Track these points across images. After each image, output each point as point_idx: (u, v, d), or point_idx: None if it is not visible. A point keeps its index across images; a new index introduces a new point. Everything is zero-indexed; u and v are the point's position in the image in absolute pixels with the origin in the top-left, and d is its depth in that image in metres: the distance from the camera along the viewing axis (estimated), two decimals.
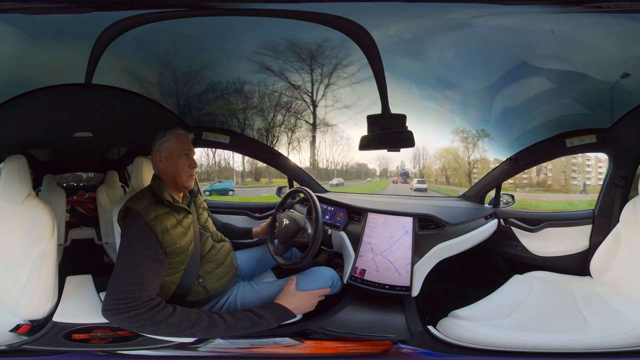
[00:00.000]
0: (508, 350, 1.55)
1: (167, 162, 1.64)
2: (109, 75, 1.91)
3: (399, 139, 1.63)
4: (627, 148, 2.05)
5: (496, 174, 2.43)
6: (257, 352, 1.59)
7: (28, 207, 1.79)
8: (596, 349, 1.50)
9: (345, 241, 2.05)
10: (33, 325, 1.66)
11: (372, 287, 1.88)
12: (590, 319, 1.66)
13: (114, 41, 1.55)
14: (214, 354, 1.54)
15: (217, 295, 1.70)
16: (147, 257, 1.46)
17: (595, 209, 2.18)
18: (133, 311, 1.36)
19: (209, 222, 1.83)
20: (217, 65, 1.99)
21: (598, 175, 2.57)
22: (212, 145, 2.43)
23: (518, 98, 2.15)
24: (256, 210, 2.62)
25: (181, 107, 2.26)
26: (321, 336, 1.69)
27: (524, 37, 1.64)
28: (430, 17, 1.50)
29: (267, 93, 2.31)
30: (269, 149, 2.53)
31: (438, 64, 1.95)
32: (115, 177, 3.47)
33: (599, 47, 1.65)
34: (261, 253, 2.05)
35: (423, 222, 1.97)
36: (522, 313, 1.74)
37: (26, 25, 1.46)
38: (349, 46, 1.55)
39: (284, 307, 1.56)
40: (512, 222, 2.30)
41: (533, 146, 2.28)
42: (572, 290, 1.87)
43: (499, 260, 2.43)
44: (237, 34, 1.68)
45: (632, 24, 1.47)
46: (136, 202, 1.54)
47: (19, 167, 1.80)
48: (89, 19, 1.41)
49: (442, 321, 1.71)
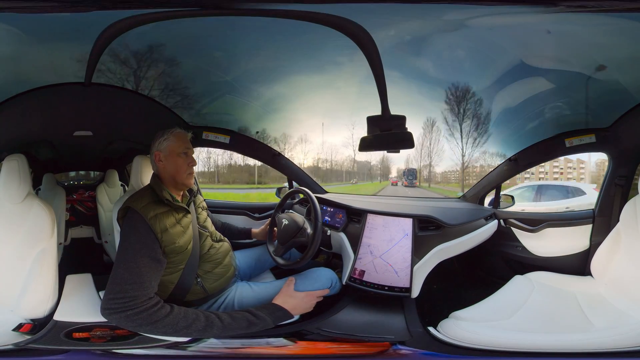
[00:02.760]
0: (512, 351, 1.55)
1: (166, 161, 1.64)
2: (109, 74, 1.91)
3: (398, 140, 1.63)
4: (627, 147, 2.05)
5: (496, 174, 2.43)
6: (248, 352, 1.58)
7: (28, 206, 1.80)
8: (601, 349, 1.50)
9: (344, 242, 2.04)
10: (35, 324, 1.66)
11: (372, 288, 1.88)
12: (593, 318, 1.65)
13: (114, 40, 1.55)
14: (204, 353, 1.53)
15: (215, 295, 1.70)
16: (146, 256, 1.46)
17: (595, 209, 2.18)
18: (131, 310, 1.36)
19: (208, 221, 1.83)
20: (217, 65, 1.99)
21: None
22: (212, 145, 2.44)
23: (517, 98, 2.15)
24: (255, 210, 2.62)
25: (181, 106, 2.26)
26: (316, 337, 1.68)
27: (522, 37, 1.64)
28: (431, 18, 1.50)
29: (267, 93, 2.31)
30: (268, 149, 2.53)
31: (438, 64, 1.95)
32: (115, 176, 3.47)
33: (599, 47, 1.65)
34: (260, 253, 2.05)
35: (423, 223, 1.96)
36: (525, 313, 1.74)
37: (26, 24, 1.46)
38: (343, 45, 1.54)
39: (282, 308, 1.56)
40: (512, 223, 2.30)
41: (532, 146, 2.28)
42: (573, 290, 1.87)
43: (499, 261, 2.42)
44: (237, 34, 1.68)
45: (632, 23, 1.47)
46: (136, 201, 1.54)
47: (19, 166, 1.80)
48: (90, 18, 1.41)
49: (443, 322, 1.70)
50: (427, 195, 3.13)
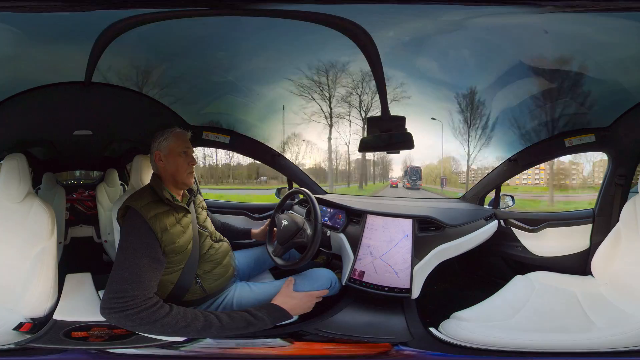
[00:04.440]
0: (514, 351, 1.54)
1: (166, 160, 1.64)
2: (109, 73, 1.91)
3: (398, 141, 1.62)
4: (627, 147, 2.04)
5: (496, 175, 2.43)
6: (244, 352, 1.57)
7: (28, 205, 1.80)
8: (603, 348, 1.50)
9: (344, 243, 2.04)
10: (35, 324, 1.66)
11: (371, 289, 1.87)
12: (594, 318, 1.65)
13: (114, 40, 1.55)
14: (196, 353, 1.52)
15: (214, 295, 1.69)
16: (146, 256, 1.46)
17: (595, 208, 2.17)
18: (130, 310, 1.36)
19: (207, 221, 1.83)
20: (218, 65, 1.99)
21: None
22: (212, 145, 2.43)
23: (517, 98, 2.15)
24: (255, 210, 2.62)
25: (181, 106, 2.25)
26: (314, 337, 1.68)
27: (520, 36, 1.64)
28: (431, 18, 1.50)
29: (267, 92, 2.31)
30: (268, 149, 2.53)
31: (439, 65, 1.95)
32: (114, 175, 3.48)
33: (598, 47, 1.65)
34: (259, 253, 2.05)
35: (423, 224, 1.96)
36: (526, 313, 1.73)
37: (27, 23, 1.45)
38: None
39: (281, 308, 1.55)
40: (512, 223, 2.29)
41: (532, 146, 2.27)
42: (574, 290, 1.86)
43: (499, 261, 2.42)
44: (237, 34, 1.68)
45: (630, 23, 1.47)
46: (136, 200, 1.54)
47: (19, 165, 1.80)
48: (90, 18, 1.41)
49: (444, 323, 1.70)
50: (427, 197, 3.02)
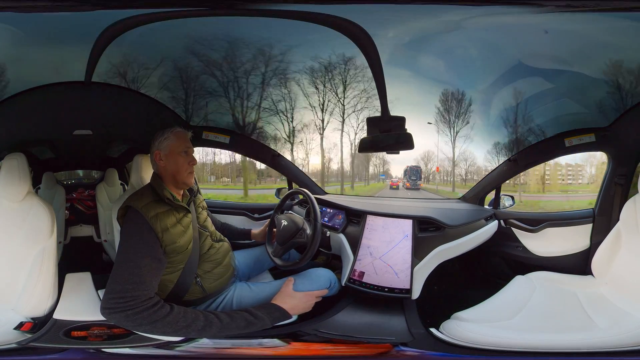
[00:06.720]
0: (515, 351, 1.54)
1: (167, 160, 1.64)
2: (109, 73, 1.92)
3: (398, 141, 1.62)
4: (626, 146, 2.04)
5: (495, 175, 2.42)
6: (241, 352, 1.56)
7: (28, 205, 1.80)
8: (604, 348, 1.50)
9: (344, 243, 2.04)
10: (35, 323, 1.66)
11: (371, 289, 1.87)
12: (595, 318, 1.65)
13: (114, 40, 1.55)
14: (194, 353, 1.52)
15: (214, 295, 1.69)
16: (147, 256, 1.46)
17: (595, 208, 2.18)
18: (131, 310, 1.36)
19: (208, 221, 1.82)
20: (218, 65, 1.99)
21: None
22: (212, 145, 2.43)
23: (516, 98, 2.15)
24: (255, 210, 2.61)
25: (181, 105, 2.26)
26: (312, 338, 1.67)
27: (522, 37, 1.64)
28: (431, 18, 1.50)
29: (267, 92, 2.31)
30: (268, 149, 2.53)
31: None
32: (114, 175, 3.47)
33: (598, 47, 1.65)
34: (259, 254, 2.04)
35: (423, 225, 1.96)
36: (527, 313, 1.73)
37: (26, 24, 1.46)
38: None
39: (280, 308, 1.55)
40: (513, 223, 2.29)
41: (532, 146, 2.27)
42: (574, 290, 1.87)
43: (500, 261, 2.42)
44: (237, 34, 1.68)
45: (630, 23, 1.47)
46: (136, 200, 1.54)
47: (19, 165, 1.80)
48: (90, 17, 1.42)
49: (445, 323, 1.70)
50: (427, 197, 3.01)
